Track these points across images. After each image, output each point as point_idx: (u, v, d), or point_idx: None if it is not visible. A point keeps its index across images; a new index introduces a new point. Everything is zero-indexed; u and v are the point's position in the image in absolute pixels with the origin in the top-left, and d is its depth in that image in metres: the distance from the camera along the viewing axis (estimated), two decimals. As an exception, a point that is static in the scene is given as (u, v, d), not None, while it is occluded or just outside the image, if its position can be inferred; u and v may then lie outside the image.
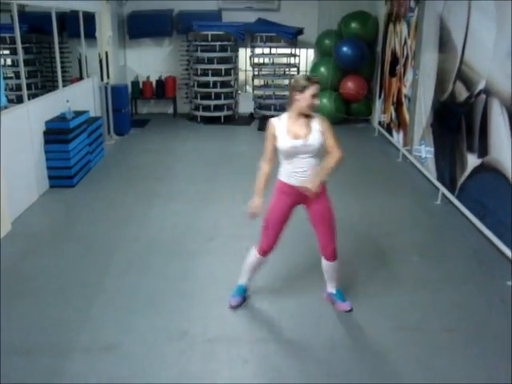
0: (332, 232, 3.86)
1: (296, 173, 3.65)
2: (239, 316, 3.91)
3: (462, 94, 5.68)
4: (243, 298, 4.06)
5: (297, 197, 3.72)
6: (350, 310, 3.95)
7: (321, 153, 3.69)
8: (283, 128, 3.63)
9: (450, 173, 5.99)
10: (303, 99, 3.59)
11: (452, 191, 5.93)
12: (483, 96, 5.14)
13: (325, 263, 3.92)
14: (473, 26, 5.48)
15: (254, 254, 3.91)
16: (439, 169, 6.42)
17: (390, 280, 4.45)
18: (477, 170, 5.31)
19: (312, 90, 3.57)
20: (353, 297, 4.15)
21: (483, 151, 5.13)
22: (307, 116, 3.64)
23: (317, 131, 3.62)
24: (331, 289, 4.05)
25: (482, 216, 5.16)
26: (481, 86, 5.20)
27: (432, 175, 6.64)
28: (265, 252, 3.85)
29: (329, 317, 3.90)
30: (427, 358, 3.44)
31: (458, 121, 5.75)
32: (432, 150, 6.62)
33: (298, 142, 3.57)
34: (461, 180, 5.68)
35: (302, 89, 3.58)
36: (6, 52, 7.21)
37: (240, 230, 5.38)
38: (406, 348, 3.54)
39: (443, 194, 6.21)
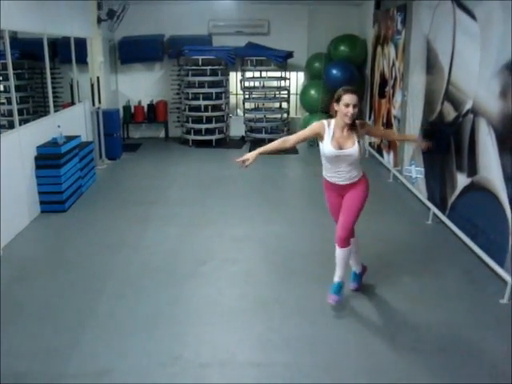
0: (348, 220, 4.09)
1: (336, 173, 4.05)
2: (231, 340, 3.88)
3: (450, 114, 5.75)
4: (341, 295, 4.28)
5: (339, 190, 4.14)
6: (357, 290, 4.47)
7: (358, 159, 4.03)
8: (330, 135, 3.94)
9: (441, 192, 6.03)
10: (339, 109, 3.89)
11: (443, 211, 5.97)
12: (471, 116, 5.20)
13: (337, 251, 4.22)
14: (458, 47, 5.57)
15: (336, 250, 4.22)
16: (430, 189, 6.46)
17: (383, 300, 4.45)
18: (467, 189, 5.35)
19: (345, 99, 3.84)
20: (346, 318, 4.15)
21: (472, 170, 5.18)
22: (351, 126, 3.93)
23: (357, 142, 3.96)
24: (353, 266, 4.54)
25: (473, 235, 5.18)
26: (468, 105, 5.27)
27: (423, 195, 6.68)
28: (340, 239, 4.12)
29: (323, 340, 3.89)
30: (422, 378, 3.42)
31: (447, 140, 5.80)
32: (422, 170, 6.67)
33: (340, 152, 3.92)
34: (451, 199, 5.71)
35: (338, 99, 3.90)
36: (-2, 78, 7.25)
37: (233, 253, 5.38)
38: (401, 368, 3.52)
39: (434, 214, 6.24)
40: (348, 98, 3.84)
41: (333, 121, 4.00)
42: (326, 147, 3.96)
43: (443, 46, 5.98)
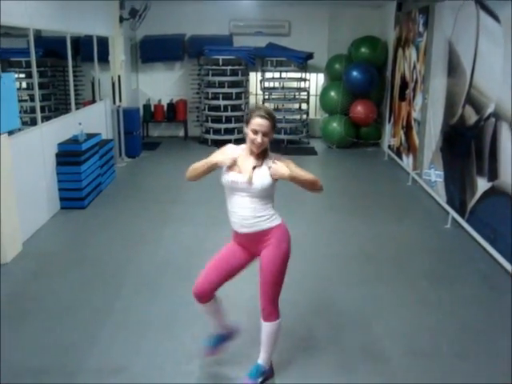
0: (267, 289, 3.13)
1: (236, 213, 3.09)
2: (248, 340, 3.89)
3: (472, 117, 5.70)
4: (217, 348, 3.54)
5: (246, 244, 3.17)
6: None
7: (266, 197, 3.06)
8: (227, 161, 3.06)
9: (460, 196, 5.97)
10: (248, 134, 2.98)
11: (462, 215, 5.92)
12: (492, 119, 5.15)
13: (262, 323, 3.25)
14: (481, 50, 5.52)
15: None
16: (449, 192, 6.41)
17: (400, 304, 4.42)
18: (487, 193, 5.30)
19: (254, 124, 2.93)
20: (362, 320, 4.13)
21: (493, 175, 5.13)
22: (262, 154, 3.03)
23: (266, 171, 2.99)
24: (260, 359, 3.35)
25: (492, 240, 5.13)
26: (490, 109, 5.22)
27: (442, 199, 6.63)
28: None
29: (335, 339, 3.88)
30: (437, 382, 3.40)
31: (468, 144, 5.75)
32: (442, 173, 6.62)
33: (239, 177, 3.00)
34: (471, 204, 5.66)
35: (247, 121, 2.98)
36: (22, 75, 7.34)
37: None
38: (417, 374, 3.50)
39: (453, 218, 6.18)
40: (257, 124, 2.91)
41: (242, 146, 3.12)
42: (224, 174, 3.08)
43: (466, 48, 5.93)
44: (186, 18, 11.21)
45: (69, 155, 6.67)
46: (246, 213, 3.05)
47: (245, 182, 2.98)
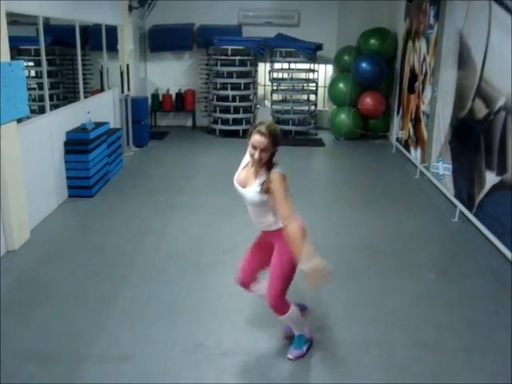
0: (271, 286, 3.33)
1: (249, 213, 3.36)
2: (255, 329, 3.90)
3: (482, 111, 5.66)
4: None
5: (264, 236, 3.43)
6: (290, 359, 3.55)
7: (263, 206, 3.20)
8: (241, 166, 3.32)
9: (468, 190, 5.95)
10: (249, 146, 3.12)
11: (470, 209, 5.89)
12: (503, 113, 5.12)
13: None
14: (493, 43, 5.47)
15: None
16: (457, 186, 6.38)
17: (407, 297, 4.42)
18: (495, 187, 5.27)
19: (253, 140, 3.06)
20: (369, 312, 4.14)
21: (502, 169, 5.10)
22: (265, 165, 3.13)
23: (259, 186, 3.12)
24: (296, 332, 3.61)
25: (500, 234, 5.12)
26: (500, 102, 5.19)
27: (450, 192, 6.60)
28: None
29: (337, 337, 3.88)
30: (444, 377, 3.40)
31: (477, 138, 5.72)
32: (450, 166, 6.59)
33: (239, 188, 3.26)
34: (479, 197, 5.64)
35: (249, 135, 3.12)
36: (31, 63, 7.34)
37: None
38: (423, 366, 3.50)
39: (461, 212, 6.16)
40: (255, 141, 3.04)
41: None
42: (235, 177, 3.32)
43: (477, 41, 5.88)
44: (195, 8, 11.18)
45: (77, 144, 6.68)
46: (252, 216, 3.35)
47: (243, 193, 3.24)
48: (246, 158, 3.30)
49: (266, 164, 3.12)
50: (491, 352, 3.67)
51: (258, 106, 11.94)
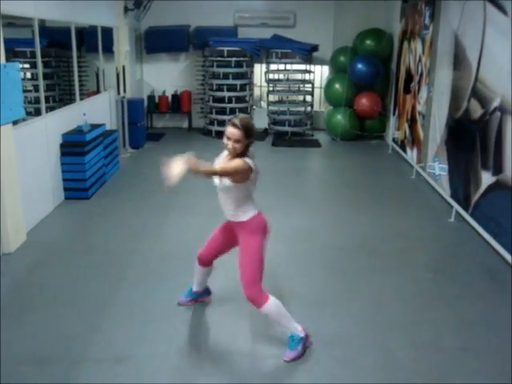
0: (243, 277, 3.50)
1: (221, 203, 3.60)
2: (253, 331, 3.90)
3: (477, 111, 5.68)
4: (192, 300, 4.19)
5: (230, 224, 3.66)
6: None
7: (239, 195, 3.46)
8: (220, 158, 3.56)
9: (464, 190, 5.96)
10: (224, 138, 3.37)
11: (466, 209, 5.91)
12: (498, 113, 5.13)
13: None
14: (488, 43, 5.49)
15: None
16: (453, 186, 6.40)
17: (404, 296, 4.43)
18: (491, 187, 5.28)
19: (227, 131, 3.33)
20: (367, 311, 4.14)
21: (498, 169, 5.11)
22: (238, 156, 3.37)
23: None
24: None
25: (496, 234, 5.13)
26: (495, 103, 5.20)
27: (446, 192, 6.62)
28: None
29: (341, 334, 3.89)
30: (442, 377, 3.41)
31: (473, 138, 5.73)
32: (446, 167, 6.60)
33: (216, 179, 3.45)
34: (475, 197, 5.65)
35: (227, 127, 3.37)
36: (26, 66, 7.33)
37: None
38: (419, 365, 3.50)
39: (457, 212, 6.18)
40: (228, 131, 3.32)
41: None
42: None
43: (472, 41, 5.90)
44: (190, 9, 11.17)
45: (73, 146, 6.67)
46: (225, 207, 3.58)
47: (219, 182, 3.44)
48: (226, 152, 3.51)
49: (239, 154, 3.36)
50: (489, 352, 3.67)
51: (254, 107, 11.94)
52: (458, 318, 4.10)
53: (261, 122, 11.72)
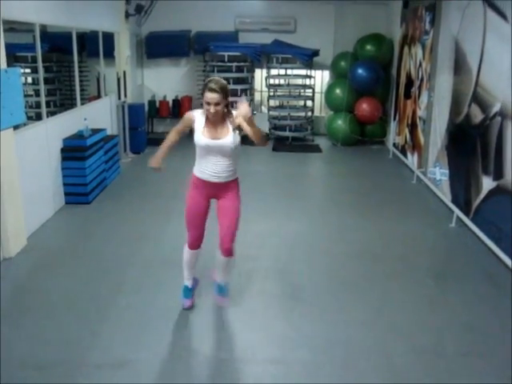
0: (232, 230, 3.87)
1: (207, 169, 3.75)
2: (250, 337, 3.89)
3: (477, 116, 5.68)
4: (193, 298, 4.27)
5: (209, 191, 3.85)
6: (223, 306, 4.09)
7: (235, 154, 3.76)
8: (201, 126, 3.67)
9: (465, 195, 5.96)
10: (204, 103, 3.55)
11: (467, 214, 5.90)
12: (498, 118, 5.14)
13: (219, 257, 4.00)
14: (488, 48, 5.50)
15: (185, 251, 4.15)
16: (454, 191, 6.39)
17: (404, 302, 4.42)
18: (492, 192, 5.28)
19: (206, 97, 3.49)
20: (368, 317, 4.13)
21: (498, 174, 5.11)
22: (227, 116, 3.61)
23: (231, 132, 3.63)
24: (218, 279, 4.17)
25: (497, 239, 5.12)
26: (496, 108, 5.20)
27: (447, 197, 6.61)
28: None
29: (341, 338, 3.87)
30: (441, 381, 3.39)
31: (473, 143, 5.74)
32: (447, 172, 6.60)
33: (212, 141, 3.63)
34: (476, 202, 5.65)
35: (202, 92, 3.54)
36: (27, 70, 7.35)
37: (252, 249, 5.38)
38: (420, 371, 3.49)
39: (458, 217, 6.17)
40: (208, 97, 3.48)
41: (202, 111, 3.74)
42: (197, 137, 3.71)
43: (472, 46, 5.91)
44: (191, 15, 11.20)
45: (74, 150, 6.67)
46: (218, 168, 3.72)
47: (217, 144, 3.61)
48: (198, 120, 3.70)
49: (225, 114, 3.59)
50: (490, 357, 3.66)
51: (255, 112, 11.93)
52: (459, 323, 4.09)
53: (262, 127, 11.64)
